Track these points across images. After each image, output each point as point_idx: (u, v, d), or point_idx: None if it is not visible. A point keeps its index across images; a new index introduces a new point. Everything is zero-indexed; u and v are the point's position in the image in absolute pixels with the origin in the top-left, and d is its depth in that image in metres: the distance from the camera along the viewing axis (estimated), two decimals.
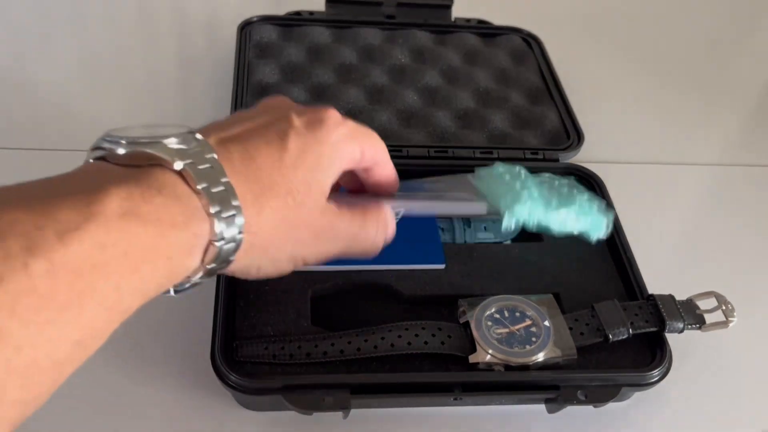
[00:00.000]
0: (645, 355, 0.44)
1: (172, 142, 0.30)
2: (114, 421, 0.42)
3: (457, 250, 0.49)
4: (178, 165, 0.29)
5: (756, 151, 0.69)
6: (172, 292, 0.31)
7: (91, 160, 0.30)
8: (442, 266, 0.47)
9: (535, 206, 0.41)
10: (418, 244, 0.48)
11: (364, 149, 0.37)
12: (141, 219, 0.27)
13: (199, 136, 0.31)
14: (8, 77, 0.66)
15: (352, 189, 0.42)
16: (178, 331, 0.46)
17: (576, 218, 0.42)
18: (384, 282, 0.46)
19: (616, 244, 0.50)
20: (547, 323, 0.43)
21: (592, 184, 0.55)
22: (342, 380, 0.40)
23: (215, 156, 0.30)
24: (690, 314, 0.44)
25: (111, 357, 0.44)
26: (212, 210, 0.29)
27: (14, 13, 0.74)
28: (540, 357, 0.41)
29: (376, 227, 0.38)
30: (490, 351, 0.41)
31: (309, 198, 0.34)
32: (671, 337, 0.44)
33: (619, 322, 0.43)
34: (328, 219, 0.36)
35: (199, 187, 0.29)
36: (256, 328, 0.43)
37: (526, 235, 0.52)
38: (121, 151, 0.29)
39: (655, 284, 0.47)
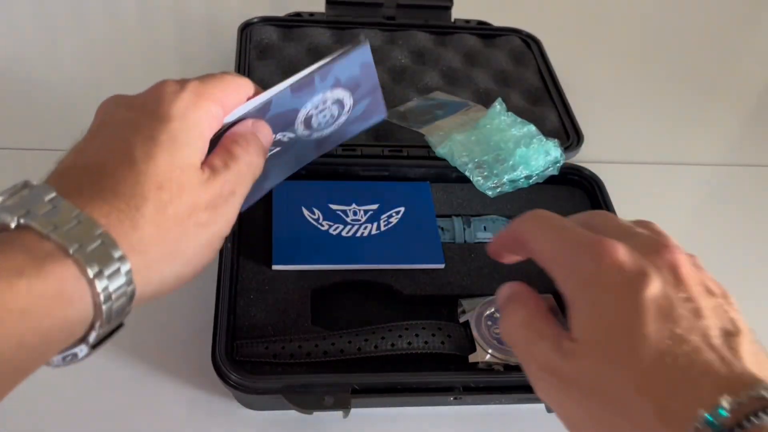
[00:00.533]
0: None
1: None
2: (115, 420, 0.42)
3: (457, 249, 0.49)
4: (11, 220, 0.25)
5: (756, 151, 0.69)
6: (83, 350, 0.28)
7: None
8: (441, 266, 0.48)
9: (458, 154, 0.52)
10: (418, 244, 0.48)
11: (222, 102, 0.33)
12: None
13: (33, 182, 0.27)
14: (8, 77, 0.66)
15: None
16: (179, 331, 0.46)
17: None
18: (384, 282, 0.47)
19: None
20: None
21: (591, 184, 0.55)
22: (342, 380, 0.40)
23: (54, 194, 0.26)
24: None
25: (112, 356, 0.44)
26: (71, 249, 0.25)
27: (15, 13, 0.74)
28: None
29: (246, 152, 0.34)
30: (490, 350, 0.41)
31: (184, 181, 0.30)
32: None
33: None
34: (213, 187, 0.31)
35: (45, 231, 0.25)
36: (256, 327, 0.43)
37: None
38: None
39: None
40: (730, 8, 0.92)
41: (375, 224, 0.49)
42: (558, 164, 0.54)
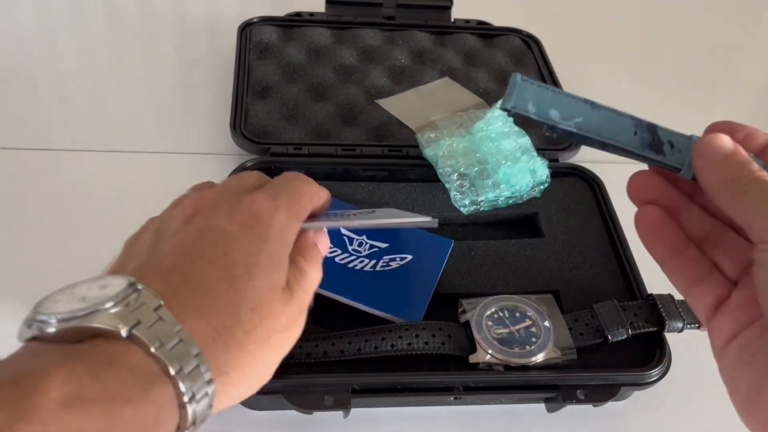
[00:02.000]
0: (644, 355, 0.44)
1: (110, 307, 0.26)
2: None
3: (457, 248, 0.49)
4: (124, 332, 0.25)
5: None
6: None
7: (25, 342, 0.26)
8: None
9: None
10: (404, 297, 0.45)
11: (301, 216, 0.34)
12: (87, 403, 0.23)
13: (139, 285, 0.27)
14: (9, 77, 0.66)
15: None
16: None
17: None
18: None
19: (615, 244, 0.50)
20: (546, 324, 0.43)
21: (591, 184, 0.55)
22: (342, 380, 0.40)
23: (162, 303, 0.27)
24: (689, 314, 0.44)
25: None
26: (172, 371, 0.25)
27: (16, 13, 0.74)
28: (540, 357, 0.41)
29: (311, 266, 0.33)
30: (490, 351, 0.41)
31: (273, 304, 0.30)
32: (670, 337, 0.44)
33: (618, 323, 0.43)
34: (291, 308, 0.31)
35: (152, 349, 0.25)
36: None
37: (526, 232, 0.52)
38: (51, 330, 0.25)
39: (654, 284, 0.47)
40: (730, 8, 0.92)
41: (374, 262, 0.47)
42: (543, 186, 0.53)
